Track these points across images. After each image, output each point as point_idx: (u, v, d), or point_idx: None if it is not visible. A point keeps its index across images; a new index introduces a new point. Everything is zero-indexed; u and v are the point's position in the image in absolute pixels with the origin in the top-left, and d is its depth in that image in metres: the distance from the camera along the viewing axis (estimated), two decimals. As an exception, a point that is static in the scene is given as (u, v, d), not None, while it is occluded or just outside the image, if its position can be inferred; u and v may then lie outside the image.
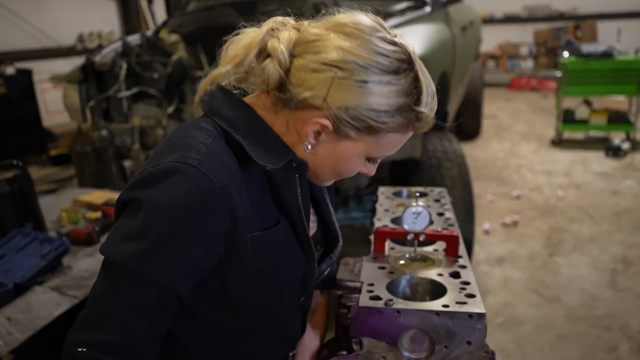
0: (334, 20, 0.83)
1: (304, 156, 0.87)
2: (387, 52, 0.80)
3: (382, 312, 0.90)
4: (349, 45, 0.78)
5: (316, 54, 0.79)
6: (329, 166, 0.87)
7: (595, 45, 5.21)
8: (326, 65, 0.78)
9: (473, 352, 0.89)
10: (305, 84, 0.79)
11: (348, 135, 0.82)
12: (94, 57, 2.70)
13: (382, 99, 0.79)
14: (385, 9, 2.88)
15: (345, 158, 0.85)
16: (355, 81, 0.77)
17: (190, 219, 0.75)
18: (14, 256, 1.64)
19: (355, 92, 0.78)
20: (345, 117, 0.79)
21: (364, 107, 0.78)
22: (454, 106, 3.83)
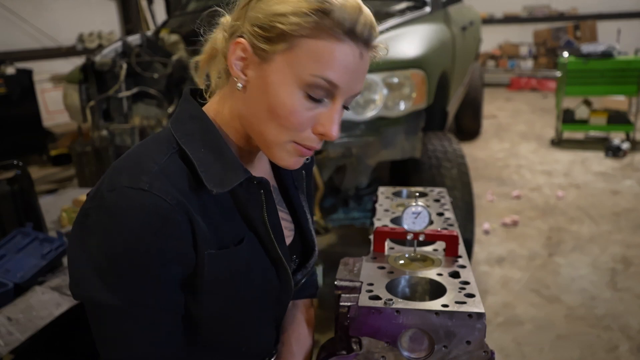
0: None
1: (243, 109, 0.83)
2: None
3: (382, 311, 0.90)
4: None
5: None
6: (263, 107, 0.80)
7: (595, 46, 5.21)
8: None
9: (472, 352, 0.89)
10: (233, 20, 0.83)
11: (265, 52, 0.78)
12: (94, 57, 2.70)
13: (288, 5, 0.77)
14: (385, 9, 2.88)
15: (274, 86, 0.78)
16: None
17: (153, 242, 0.75)
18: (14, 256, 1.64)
19: (264, 4, 0.78)
20: (257, 31, 0.78)
21: (271, 14, 0.77)
22: (454, 106, 3.83)
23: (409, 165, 2.60)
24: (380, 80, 2.23)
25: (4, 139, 4.86)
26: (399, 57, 2.33)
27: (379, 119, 2.28)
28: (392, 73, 2.26)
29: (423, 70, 2.32)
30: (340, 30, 0.77)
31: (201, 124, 0.85)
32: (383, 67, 2.26)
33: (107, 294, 0.75)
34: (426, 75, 2.33)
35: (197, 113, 0.86)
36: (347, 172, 2.42)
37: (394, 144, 2.39)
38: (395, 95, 2.27)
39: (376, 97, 2.24)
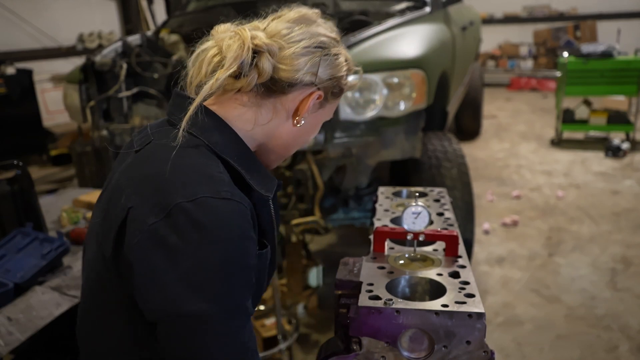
0: (289, 15, 0.94)
1: (286, 134, 0.96)
2: (332, 29, 0.97)
3: (382, 311, 0.90)
4: (317, 30, 0.93)
5: (299, 41, 0.90)
6: (304, 136, 0.99)
7: (595, 46, 5.21)
8: (311, 47, 0.91)
9: (472, 352, 0.89)
10: (298, 67, 0.90)
11: (328, 102, 0.97)
12: (94, 57, 2.70)
13: (345, 65, 0.96)
14: (385, 9, 2.88)
15: (318, 124, 1.00)
16: (333, 55, 0.93)
17: (246, 245, 0.81)
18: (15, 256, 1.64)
19: (335, 64, 0.94)
20: (331, 87, 0.95)
21: (341, 75, 0.95)
22: (454, 106, 3.83)
23: (409, 165, 2.61)
24: (380, 80, 2.23)
25: (4, 139, 4.86)
26: (399, 57, 2.33)
27: (379, 119, 2.28)
28: (392, 73, 2.26)
29: (423, 70, 2.32)
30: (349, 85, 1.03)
31: (229, 135, 0.91)
32: (383, 67, 2.26)
33: (207, 305, 0.76)
34: (426, 75, 2.33)
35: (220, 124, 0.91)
36: (347, 172, 2.42)
37: (394, 144, 2.39)
38: (395, 95, 2.27)
39: (376, 97, 2.24)
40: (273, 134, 0.94)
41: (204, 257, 0.76)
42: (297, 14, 0.94)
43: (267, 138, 0.95)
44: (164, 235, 0.77)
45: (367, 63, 2.26)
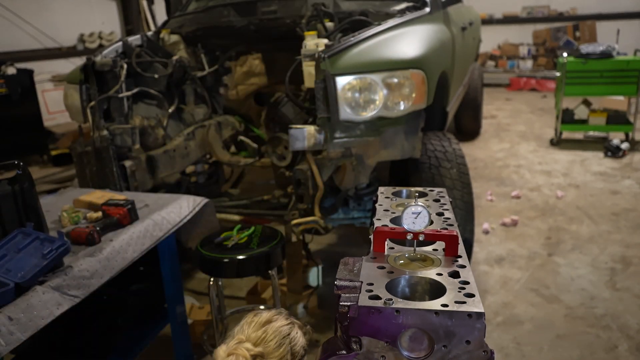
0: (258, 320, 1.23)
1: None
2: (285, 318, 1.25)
3: (382, 311, 0.91)
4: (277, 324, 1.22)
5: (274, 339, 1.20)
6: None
7: (594, 46, 5.22)
8: (282, 341, 1.20)
9: (472, 352, 0.89)
10: (279, 357, 1.18)
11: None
12: (94, 58, 2.70)
13: (301, 335, 1.25)
14: (385, 9, 2.89)
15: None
16: (296, 334, 1.23)
17: None
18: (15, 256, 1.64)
19: (298, 337, 1.23)
20: (300, 357, 1.23)
21: (303, 342, 1.25)
22: (454, 106, 3.84)
23: (409, 165, 2.61)
24: (380, 80, 2.24)
25: (5, 139, 4.87)
26: (398, 57, 2.33)
27: (379, 119, 2.28)
28: (392, 73, 2.26)
29: (423, 71, 2.32)
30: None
31: None
32: (383, 67, 2.26)
33: None
34: (426, 76, 2.33)
35: None
36: (347, 172, 2.43)
37: (394, 144, 2.39)
38: (395, 96, 2.27)
39: (376, 97, 2.24)
40: None
41: None
42: (262, 319, 1.23)
43: None
44: None
45: (367, 63, 2.26)
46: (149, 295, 2.35)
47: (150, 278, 2.32)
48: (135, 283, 2.39)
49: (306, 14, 2.75)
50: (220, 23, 3.05)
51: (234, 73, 3.31)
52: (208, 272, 2.14)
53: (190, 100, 3.09)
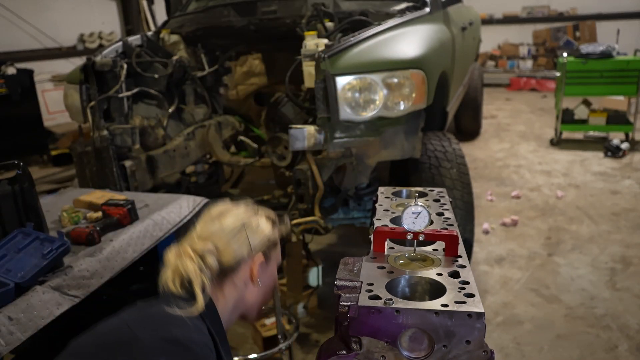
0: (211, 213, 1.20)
1: (254, 297, 1.20)
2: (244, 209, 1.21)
3: (382, 311, 0.91)
4: (233, 216, 1.17)
5: (224, 232, 1.14)
6: (269, 288, 1.25)
7: (594, 46, 5.22)
8: (236, 232, 1.15)
9: (472, 352, 0.89)
10: (234, 251, 1.13)
11: (270, 257, 1.21)
12: (94, 58, 2.70)
13: (266, 226, 1.20)
14: (385, 9, 2.89)
15: (273, 272, 1.25)
16: (255, 226, 1.18)
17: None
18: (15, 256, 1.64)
19: (260, 231, 1.18)
20: (266, 249, 1.19)
21: (267, 236, 1.19)
22: (454, 106, 3.84)
23: (409, 165, 2.61)
24: (380, 80, 2.24)
25: (5, 139, 4.86)
26: (399, 57, 2.33)
27: (379, 119, 2.28)
28: (392, 73, 2.26)
29: (423, 71, 2.32)
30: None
31: (213, 314, 1.13)
32: (383, 67, 2.26)
33: None
34: (426, 76, 2.33)
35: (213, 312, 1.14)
36: (347, 172, 2.43)
37: (394, 144, 2.39)
38: (395, 95, 2.27)
39: (376, 97, 2.24)
40: (244, 301, 1.19)
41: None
42: (216, 211, 1.18)
43: (243, 306, 1.19)
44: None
45: (367, 63, 2.26)
46: (149, 295, 2.35)
47: (150, 278, 2.31)
48: (135, 283, 2.39)
49: (306, 14, 2.75)
50: (220, 23, 3.05)
51: (234, 73, 3.31)
52: (208, 272, 2.14)
53: (190, 100, 3.09)
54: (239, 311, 1.20)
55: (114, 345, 1.01)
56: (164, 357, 0.96)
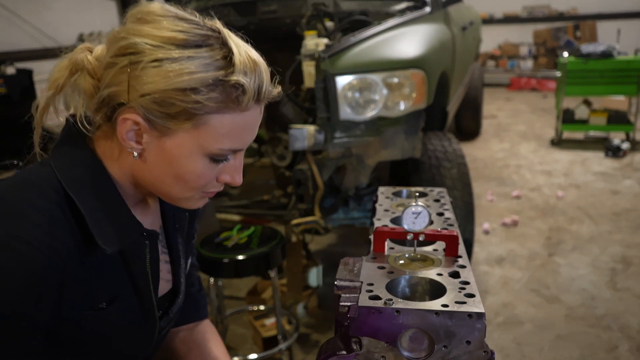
0: (130, 14, 0.76)
1: (141, 171, 0.78)
2: (184, 29, 0.73)
3: (382, 311, 0.90)
4: (144, 29, 0.72)
5: (111, 47, 0.74)
6: (168, 175, 0.77)
7: (594, 46, 5.21)
8: (120, 55, 0.72)
9: (472, 352, 0.89)
10: (106, 81, 0.73)
11: (167, 128, 0.73)
12: (94, 58, 2.70)
13: (185, 76, 0.70)
14: (385, 9, 2.88)
15: (179, 159, 0.75)
16: (149, 62, 0.71)
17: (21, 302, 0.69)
18: (15, 256, 1.64)
19: (153, 74, 0.70)
20: (153, 106, 0.71)
21: (167, 88, 0.70)
22: (454, 106, 3.83)
23: (409, 165, 2.61)
24: (380, 80, 2.23)
25: (4, 139, 4.86)
26: (399, 57, 2.33)
27: (379, 119, 2.28)
28: (392, 73, 2.26)
29: (423, 70, 2.32)
30: (241, 99, 0.74)
31: (93, 171, 0.78)
32: (383, 67, 2.26)
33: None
34: (426, 75, 2.33)
35: (87, 157, 0.79)
36: (347, 172, 2.42)
37: (394, 144, 2.39)
38: (395, 95, 2.27)
39: (376, 97, 2.24)
40: (132, 172, 0.80)
41: None
42: (132, 15, 0.75)
43: (132, 176, 0.81)
44: None
45: (367, 63, 2.26)
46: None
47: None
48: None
49: (306, 13, 2.75)
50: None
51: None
52: (208, 272, 2.14)
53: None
54: (135, 182, 0.82)
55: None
56: None
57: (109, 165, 0.80)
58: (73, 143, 0.81)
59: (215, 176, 0.80)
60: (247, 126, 0.77)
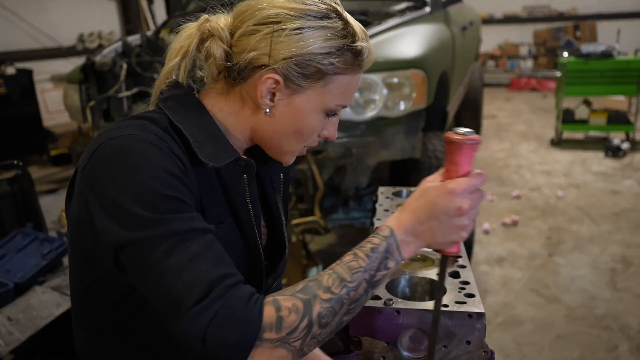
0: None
1: (264, 125, 0.88)
2: (313, 2, 0.85)
3: (382, 311, 0.90)
4: (279, 1, 0.84)
5: (252, 18, 0.84)
6: (290, 129, 0.88)
7: (594, 46, 5.21)
8: (262, 24, 0.83)
9: (472, 352, 0.89)
10: (248, 47, 0.83)
11: (300, 86, 0.84)
12: (94, 57, 2.70)
13: (321, 42, 0.83)
14: (385, 9, 2.88)
15: (304, 114, 0.86)
16: (291, 30, 0.82)
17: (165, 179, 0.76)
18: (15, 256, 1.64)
19: (295, 40, 0.82)
20: (293, 67, 0.82)
21: (307, 53, 0.82)
22: (454, 106, 3.83)
23: (409, 165, 2.61)
24: (380, 80, 2.23)
25: (4, 139, 4.86)
26: (399, 57, 2.33)
27: (379, 119, 2.28)
28: (392, 73, 2.26)
29: (423, 70, 2.32)
30: (359, 63, 0.88)
31: (197, 110, 0.88)
32: (383, 67, 2.26)
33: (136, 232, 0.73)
34: (426, 75, 2.33)
35: (193, 102, 0.88)
36: (347, 172, 2.43)
37: (394, 144, 2.39)
38: (395, 95, 2.27)
39: (376, 97, 2.24)
40: (252, 125, 0.89)
41: (123, 184, 0.74)
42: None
43: (250, 129, 0.90)
44: (91, 172, 0.78)
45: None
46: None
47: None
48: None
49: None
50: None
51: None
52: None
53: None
54: (249, 134, 0.91)
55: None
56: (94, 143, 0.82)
57: (221, 117, 0.89)
58: (180, 95, 0.88)
59: (320, 130, 0.92)
60: (357, 85, 0.91)
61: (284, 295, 0.75)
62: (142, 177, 0.74)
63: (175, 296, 0.70)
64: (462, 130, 0.78)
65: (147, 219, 0.73)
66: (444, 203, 0.79)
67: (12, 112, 5.02)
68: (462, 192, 0.79)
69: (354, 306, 0.77)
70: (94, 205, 0.77)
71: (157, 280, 0.72)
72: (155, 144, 0.77)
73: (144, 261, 0.73)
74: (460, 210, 0.78)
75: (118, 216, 0.74)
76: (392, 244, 0.80)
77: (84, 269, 0.88)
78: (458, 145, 0.78)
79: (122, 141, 0.77)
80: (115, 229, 0.74)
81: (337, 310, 0.75)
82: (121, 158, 0.76)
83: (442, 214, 0.78)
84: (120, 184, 0.74)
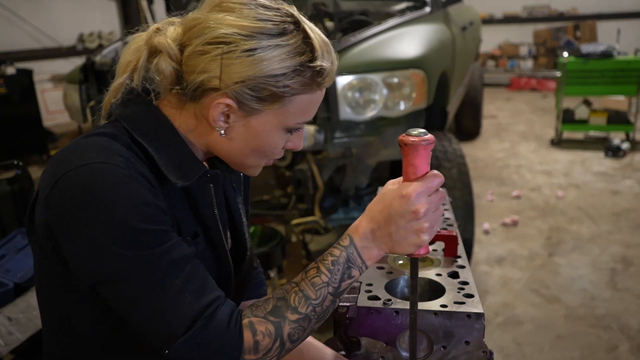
0: (211, 0, 0.82)
1: (221, 144, 0.85)
2: (268, 17, 0.79)
3: (381, 312, 0.91)
4: (229, 18, 0.78)
5: (200, 36, 0.78)
6: (249, 148, 0.85)
7: (594, 46, 5.21)
8: (211, 44, 0.77)
9: (471, 352, 0.89)
10: (197, 68, 0.78)
11: (255, 109, 0.80)
12: (94, 57, 2.70)
13: (276, 63, 0.78)
14: (385, 9, 2.89)
15: (262, 134, 0.83)
16: (242, 52, 0.76)
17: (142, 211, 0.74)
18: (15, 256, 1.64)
19: (247, 63, 0.77)
20: (245, 91, 0.78)
21: (260, 76, 0.77)
22: (454, 106, 3.83)
23: (408, 165, 2.60)
24: (380, 80, 2.24)
25: (4, 139, 4.86)
26: (399, 57, 2.33)
27: (379, 119, 2.28)
28: (392, 73, 2.26)
29: (423, 70, 2.32)
30: (318, 83, 0.83)
31: (158, 122, 0.84)
32: (383, 67, 2.26)
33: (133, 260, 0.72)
34: (426, 75, 2.33)
35: (153, 113, 0.84)
36: (347, 172, 2.43)
37: (394, 144, 2.39)
38: (395, 95, 2.27)
39: (376, 97, 2.24)
40: (209, 143, 0.86)
41: (99, 222, 0.72)
42: (211, 1, 0.81)
43: (207, 146, 0.87)
44: (58, 205, 0.75)
45: (367, 63, 2.26)
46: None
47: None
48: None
49: (306, 13, 2.75)
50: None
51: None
52: (208, 272, 2.14)
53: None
54: (207, 149, 0.88)
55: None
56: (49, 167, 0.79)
57: (181, 131, 0.85)
58: (137, 105, 0.84)
59: (283, 144, 0.89)
60: (319, 100, 0.87)
61: (257, 316, 0.78)
62: (118, 215, 0.72)
63: (163, 329, 0.74)
64: (416, 132, 0.78)
65: (127, 258, 0.72)
66: (399, 207, 0.78)
67: (12, 112, 5.02)
68: (417, 196, 0.78)
69: (322, 316, 0.82)
70: (66, 241, 0.76)
71: (143, 314, 0.75)
72: (123, 170, 0.74)
73: (127, 296, 0.75)
74: (416, 213, 0.77)
75: (96, 255, 0.73)
76: (353, 252, 0.82)
77: (54, 295, 0.86)
78: (414, 147, 0.78)
79: (89, 173, 0.73)
80: (93, 266, 0.74)
81: (306, 326, 0.80)
82: (92, 194, 0.73)
83: (398, 217, 0.78)
84: (94, 223, 0.72)
